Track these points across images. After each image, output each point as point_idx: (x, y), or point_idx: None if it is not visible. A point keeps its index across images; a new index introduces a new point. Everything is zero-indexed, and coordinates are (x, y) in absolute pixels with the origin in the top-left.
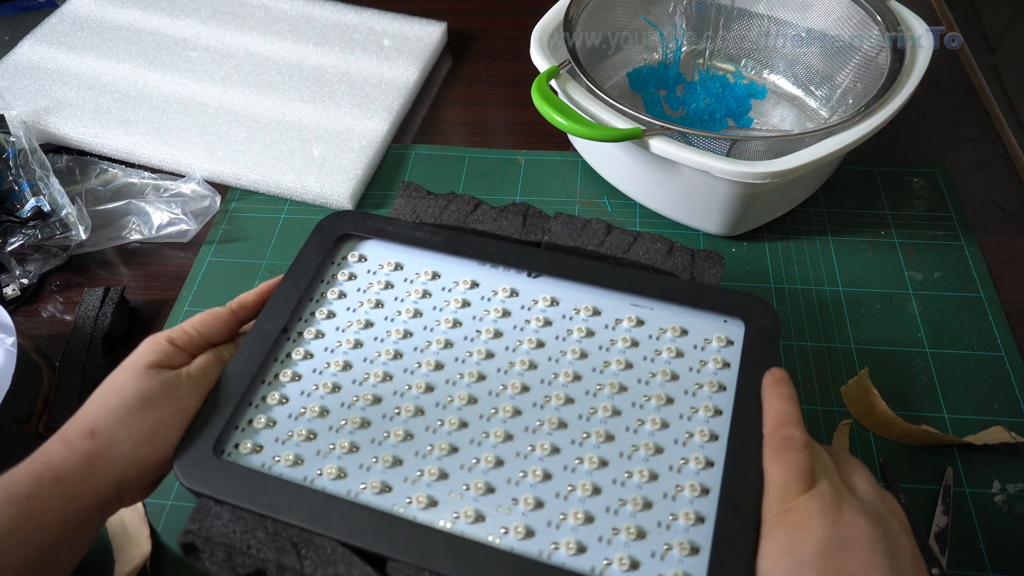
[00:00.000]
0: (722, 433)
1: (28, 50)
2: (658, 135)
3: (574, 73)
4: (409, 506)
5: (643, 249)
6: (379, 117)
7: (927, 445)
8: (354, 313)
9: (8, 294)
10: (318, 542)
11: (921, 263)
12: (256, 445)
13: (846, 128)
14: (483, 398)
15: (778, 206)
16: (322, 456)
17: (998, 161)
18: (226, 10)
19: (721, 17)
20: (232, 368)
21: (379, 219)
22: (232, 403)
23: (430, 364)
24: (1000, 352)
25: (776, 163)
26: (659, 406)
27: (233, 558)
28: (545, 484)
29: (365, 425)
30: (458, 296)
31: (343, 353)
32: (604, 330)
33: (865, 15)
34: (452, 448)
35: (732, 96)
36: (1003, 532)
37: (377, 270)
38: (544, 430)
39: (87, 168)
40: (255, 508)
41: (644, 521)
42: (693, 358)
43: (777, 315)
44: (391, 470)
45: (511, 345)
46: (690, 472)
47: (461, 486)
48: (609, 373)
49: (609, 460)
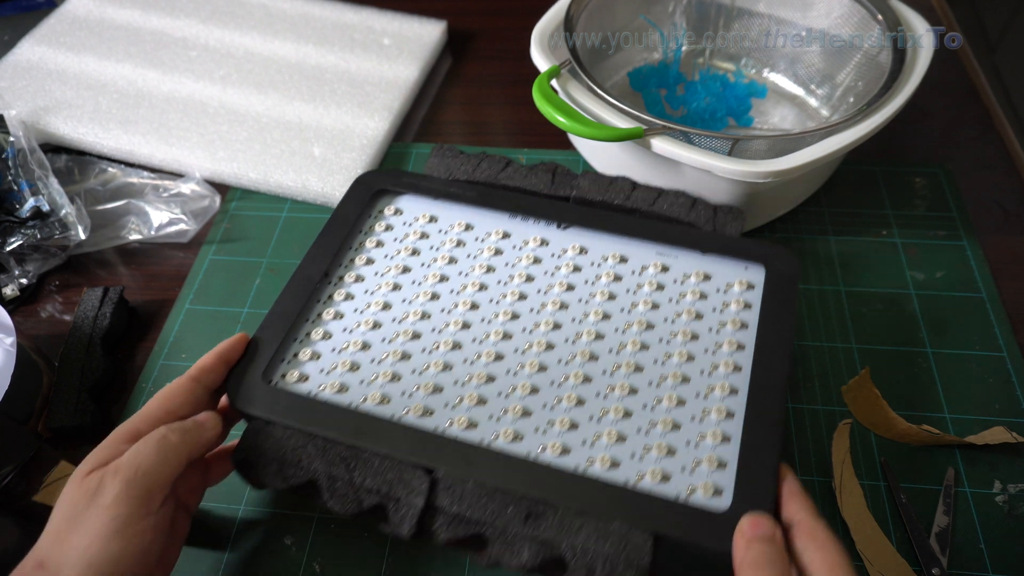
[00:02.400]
0: (745, 365)
1: (27, 50)
2: (660, 134)
3: (575, 72)
4: (450, 427)
5: (667, 203)
6: (379, 116)
7: (928, 445)
8: (392, 260)
9: (7, 294)
10: (365, 457)
11: (922, 263)
12: (302, 375)
13: (847, 127)
14: (517, 334)
15: (779, 205)
16: (365, 384)
17: (999, 161)
18: (225, 10)
19: (721, 16)
20: (276, 308)
21: (414, 175)
22: (278, 338)
23: (466, 304)
24: (1002, 352)
25: (778, 162)
26: (685, 341)
27: (285, 470)
28: (579, 408)
29: (406, 358)
30: (491, 245)
31: (383, 295)
32: (631, 275)
33: (866, 14)
34: (489, 377)
35: (733, 95)
36: (1004, 532)
37: (413, 222)
38: (576, 362)
39: (86, 168)
40: (304, 427)
41: (673, 440)
42: (716, 300)
43: (796, 261)
44: (432, 396)
45: (542, 288)
46: (716, 398)
47: (499, 410)
48: (636, 313)
49: (639, 388)
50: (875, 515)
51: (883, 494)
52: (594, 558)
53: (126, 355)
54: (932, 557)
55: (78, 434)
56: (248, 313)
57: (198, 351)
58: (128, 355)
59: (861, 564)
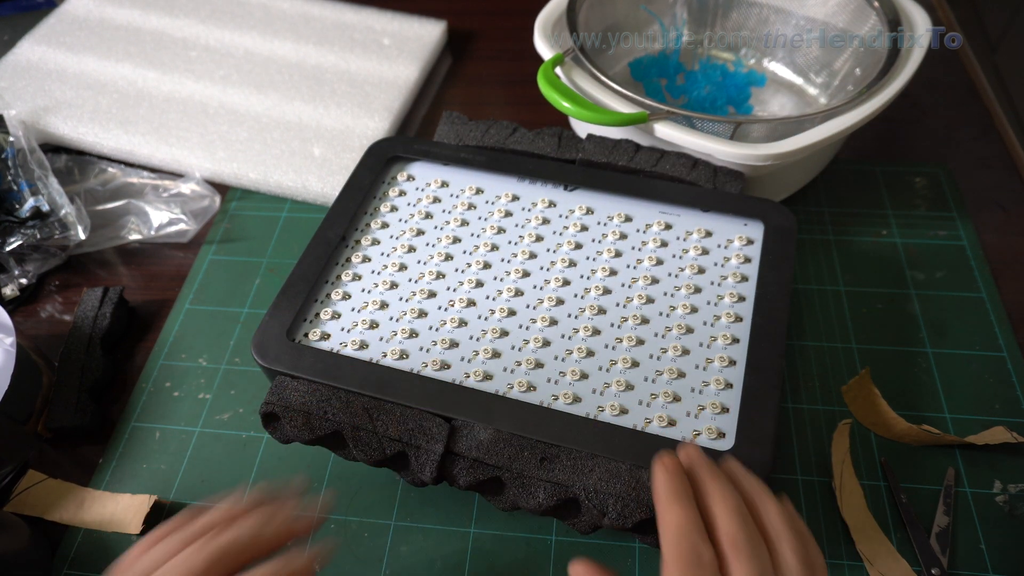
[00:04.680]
0: (746, 315)
1: (27, 50)
2: (663, 119)
3: (578, 60)
4: (467, 379)
5: (670, 163)
6: (379, 116)
7: (928, 445)
8: (406, 223)
9: (7, 294)
10: (387, 408)
11: (923, 262)
12: (324, 333)
13: (845, 111)
14: (528, 291)
15: (778, 190)
16: (384, 341)
17: (999, 161)
18: (225, 9)
19: (720, 6)
20: (297, 270)
21: (425, 142)
22: (300, 299)
23: (479, 263)
24: (1002, 352)
25: (778, 145)
26: (688, 294)
27: (311, 422)
28: (588, 359)
29: (422, 315)
30: (501, 208)
31: (398, 256)
32: (636, 233)
33: (862, 1)
34: (503, 332)
35: (732, 84)
36: (1004, 532)
37: (425, 187)
38: (585, 316)
39: (86, 168)
40: (328, 381)
41: (678, 388)
42: (717, 255)
43: (794, 216)
44: (449, 351)
45: (551, 247)
46: (718, 347)
47: (513, 362)
48: (642, 268)
49: (645, 339)
50: (875, 515)
51: (883, 494)
52: (605, 498)
53: (126, 355)
54: (932, 557)
55: (78, 434)
56: (248, 313)
57: (198, 351)
58: (128, 355)
59: (861, 564)
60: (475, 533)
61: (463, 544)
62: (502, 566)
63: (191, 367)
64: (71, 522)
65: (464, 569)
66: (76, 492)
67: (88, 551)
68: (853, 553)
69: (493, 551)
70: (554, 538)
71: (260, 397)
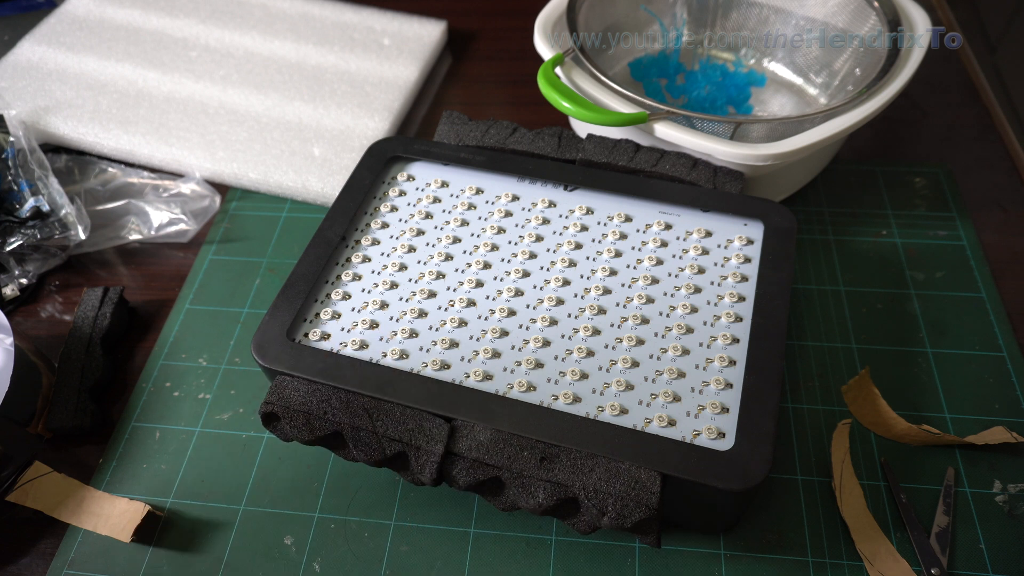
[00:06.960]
0: (746, 315)
1: (27, 50)
2: (663, 119)
3: (578, 60)
4: (467, 379)
5: (670, 163)
6: (379, 116)
7: (928, 445)
8: (406, 223)
9: (7, 294)
10: (387, 408)
11: (922, 262)
12: (324, 333)
13: (845, 111)
14: (528, 291)
15: (778, 191)
16: (385, 341)
17: (999, 161)
18: (225, 10)
19: (720, 6)
20: (298, 270)
21: (425, 142)
22: (300, 299)
23: (479, 263)
24: (1002, 352)
25: (778, 145)
26: (688, 294)
27: (311, 422)
28: (588, 360)
29: (423, 315)
30: (501, 208)
31: (398, 256)
32: (635, 233)
33: (862, 1)
34: (503, 332)
35: (732, 84)
36: (1004, 532)
37: (425, 187)
38: (585, 316)
39: (86, 168)
40: (328, 381)
41: (679, 388)
42: (717, 255)
43: (793, 216)
44: (449, 351)
45: (551, 247)
46: (718, 347)
47: (513, 362)
48: (642, 268)
49: (645, 339)
50: (875, 515)
51: (883, 494)
52: (605, 497)
53: (126, 355)
54: (932, 557)
55: (78, 434)
56: (248, 313)
57: (198, 351)
58: (128, 355)
59: (861, 564)
60: (475, 533)
61: (463, 544)
62: (502, 566)
63: (191, 367)
64: (69, 519)
65: (464, 569)
66: (77, 489)
67: (88, 551)
68: (853, 553)
69: (493, 551)
70: (554, 538)
71: (260, 397)
